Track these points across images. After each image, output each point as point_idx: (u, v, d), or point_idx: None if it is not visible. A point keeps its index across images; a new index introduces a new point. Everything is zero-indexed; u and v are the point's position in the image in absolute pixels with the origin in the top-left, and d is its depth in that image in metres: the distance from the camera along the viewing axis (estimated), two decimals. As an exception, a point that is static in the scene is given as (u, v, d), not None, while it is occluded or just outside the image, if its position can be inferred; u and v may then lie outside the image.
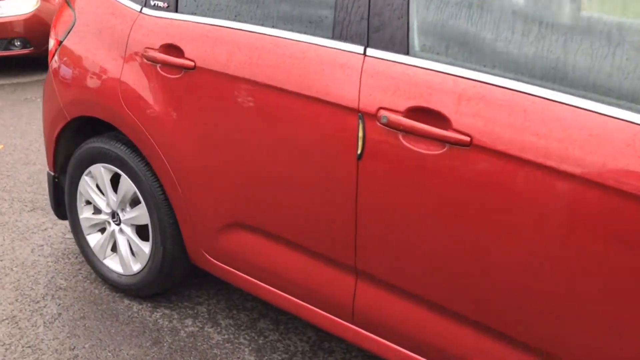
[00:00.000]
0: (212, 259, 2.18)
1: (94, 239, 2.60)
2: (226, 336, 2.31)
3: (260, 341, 2.29)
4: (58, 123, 2.48)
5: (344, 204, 1.71)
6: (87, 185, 2.49)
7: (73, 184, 2.54)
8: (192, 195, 2.09)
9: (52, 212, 3.26)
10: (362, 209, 1.68)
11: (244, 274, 2.10)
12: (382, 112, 1.57)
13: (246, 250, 2.05)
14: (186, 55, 1.98)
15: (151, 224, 2.31)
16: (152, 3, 2.13)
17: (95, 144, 2.37)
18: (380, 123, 1.58)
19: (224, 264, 2.15)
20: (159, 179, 2.23)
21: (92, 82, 2.26)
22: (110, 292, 2.56)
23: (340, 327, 1.90)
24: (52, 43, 2.50)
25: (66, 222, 3.16)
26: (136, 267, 2.44)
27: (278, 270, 1.97)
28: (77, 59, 2.32)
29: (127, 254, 2.46)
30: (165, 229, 2.27)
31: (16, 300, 2.50)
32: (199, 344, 2.26)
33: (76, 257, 2.82)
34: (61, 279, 2.66)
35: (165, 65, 2.04)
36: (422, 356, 1.73)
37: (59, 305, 2.47)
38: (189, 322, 2.39)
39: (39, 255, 2.84)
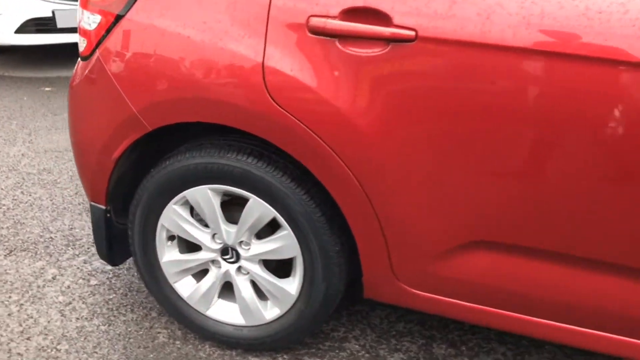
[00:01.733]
0: (412, 290, 1.65)
1: (187, 287, 1.89)
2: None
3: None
4: (124, 137, 1.70)
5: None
6: (177, 217, 1.77)
7: (150, 218, 1.80)
8: (399, 216, 1.52)
9: (45, 252, 2.40)
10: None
11: (467, 301, 1.61)
12: None
13: (477, 273, 1.56)
14: (396, 22, 1.37)
15: (302, 256, 1.70)
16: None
17: (200, 159, 1.66)
18: None
19: (432, 293, 1.64)
20: (312, 198, 1.62)
21: (203, 73, 1.53)
22: (215, 351, 1.91)
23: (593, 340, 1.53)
24: (92, 20, 1.68)
25: (77, 261, 2.34)
26: (272, 313, 1.81)
27: (532, 290, 1.52)
28: (165, 39, 1.55)
29: (253, 299, 1.82)
30: (329, 261, 1.68)
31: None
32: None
33: (141, 309, 2.08)
34: (137, 346, 1.92)
35: (354, 38, 1.41)
36: None
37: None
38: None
39: (78, 319, 2.03)
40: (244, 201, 1.71)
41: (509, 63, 1.30)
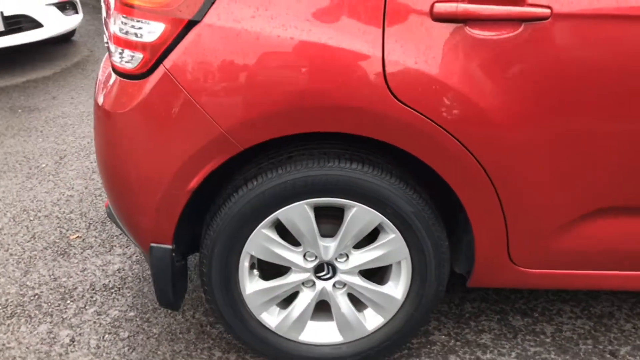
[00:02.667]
0: (525, 270, 1.64)
1: (274, 316, 1.70)
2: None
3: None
4: (205, 163, 1.45)
5: None
6: (266, 242, 1.57)
7: (234, 248, 1.57)
8: (523, 197, 1.49)
9: (40, 312, 2.02)
10: None
11: (583, 269, 1.64)
12: None
13: (595, 239, 1.58)
14: (529, 0, 1.32)
15: (410, 259, 1.60)
16: None
17: (297, 173, 1.47)
18: None
19: (546, 269, 1.64)
20: (420, 196, 1.53)
21: (312, 77, 1.35)
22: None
23: None
24: (147, 29, 1.39)
25: (88, 314, 1.99)
26: (374, 323, 1.70)
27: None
28: (261, 44, 1.34)
29: (352, 313, 1.69)
30: (442, 257, 1.60)
31: None
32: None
33: (201, 351, 1.82)
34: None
35: (484, 21, 1.33)
36: None
37: None
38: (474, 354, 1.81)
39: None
40: (334, 213, 1.57)
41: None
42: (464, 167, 1.45)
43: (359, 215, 1.54)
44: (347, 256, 1.63)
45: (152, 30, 1.39)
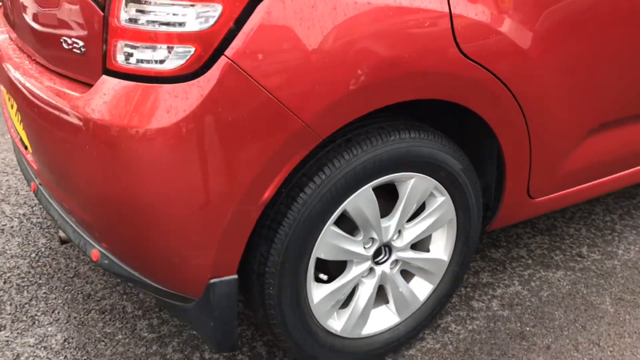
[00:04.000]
0: (538, 199, 1.75)
1: (338, 320, 1.54)
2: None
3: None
4: (282, 165, 1.22)
5: None
6: (336, 239, 1.41)
7: (304, 256, 1.37)
8: (547, 128, 1.58)
9: None
10: None
11: (599, 178, 1.86)
12: None
13: (602, 151, 1.79)
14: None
15: (457, 219, 1.60)
16: None
17: (365, 155, 1.34)
18: None
19: (562, 190, 1.79)
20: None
21: (387, 40, 1.22)
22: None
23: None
24: (199, 13, 1.09)
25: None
26: (425, 292, 1.66)
27: (634, 150, 1.85)
28: (339, 16, 1.16)
29: (408, 288, 1.62)
30: (481, 211, 1.64)
31: None
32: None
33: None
34: None
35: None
36: None
37: None
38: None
39: None
40: (379, 192, 1.48)
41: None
42: (506, 108, 1.48)
43: (417, 186, 1.48)
44: (400, 232, 1.55)
45: (203, 14, 1.10)
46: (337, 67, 1.19)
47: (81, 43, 1.23)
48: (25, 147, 1.64)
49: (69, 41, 1.26)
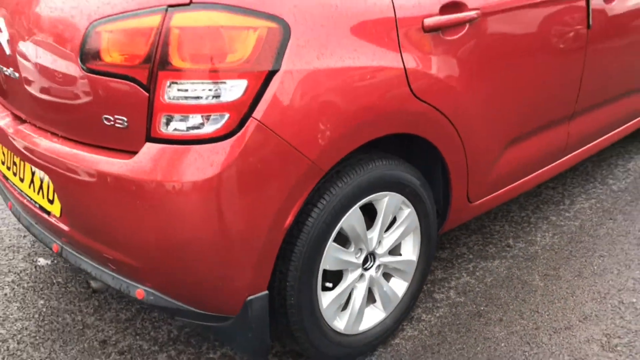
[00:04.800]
0: (475, 203, 2.19)
1: (341, 320, 1.88)
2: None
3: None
4: (298, 197, 1.57)
5: (576, 65, 2.34)
6: (335, 252, 1.76)
7: (315, 270, 1.71)
8: (478, 146, 2.03)
9: None
10: (587, 63, 2.37)
11: (516, 181, 2.36)
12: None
13: (518, 159, 2.28)
14: (469, 7, 1.84)
15: (420, 225, 1.99)
16: (394, -34, 1.69)
17: (356, 180, 1.71)
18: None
19: (491, 193, 2.25)
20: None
21: (365, 93, 1.60)
22: None
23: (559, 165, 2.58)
24: (228, 87, 1.42)
25: None
26: (402, 289, 2.04)
27: (540, 153, 2.36)
28: (332, 76, 1.53)
29: (388, 287, 1.99)
30: (435, 215, 2.04)
31: None
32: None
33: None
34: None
35: (448, 27, 1.80)
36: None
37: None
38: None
39: None
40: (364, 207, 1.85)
41: (531, 14, 2.02)
42: (447, 134, 1.91)
43: (390, 202, 1.87)
44: (380, 242, 1.92)
45: (233, 88, 1.44)
46: (333, 116, 1.57)
47: (125, 119, 1.52)
48: (48, 213, 1.86)
49: (111, 118, 1.54)
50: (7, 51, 1.80)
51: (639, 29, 2.68)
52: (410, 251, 2.04)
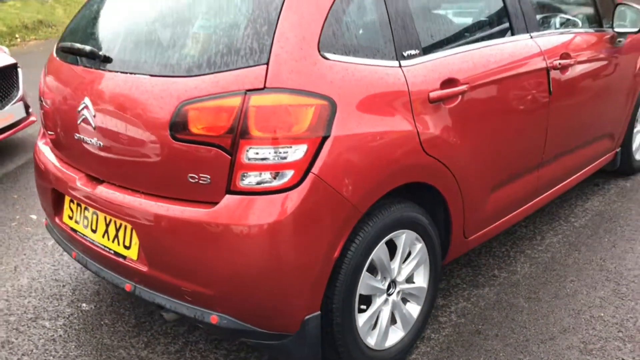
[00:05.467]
0: (469, 238, 2.65)
1: (372, 338, 2.28)
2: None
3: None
4: (342, 235, 1.99)
5: (542, 123, 2.87)
6: (368, 279, 2.17)
7: (353, 294, 2.11)
8: (471, 191, 2.50)
9: None
10: (550, 122, 2.91)
11: (499, 220, 2.82)
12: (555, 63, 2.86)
13: (500, 201, 2.75)
14: (461, 81, 2.34)
15: (428, 257, 2.43)
16: (405, 54, 2.18)
17: (381, 222, 2.14)
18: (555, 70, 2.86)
19: (481, 230, 2.70)
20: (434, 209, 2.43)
21: (390, 151, 2.06)
22: None
23: (532, 206, 3.08)
24: (293, 151, 1.85)
25: None
26: (415, 311, 2.45)
27: (517, 196, 2.84)
28: (367, 139, 1.98)
29: (407, 310, 2.40)
30: (439, 250, 2.48)
31: None
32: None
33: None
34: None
35: (447, 98, 2.29)
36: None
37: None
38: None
39: None
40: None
41: (506, 84, 2.54)
42: (449, 181, 2.38)
43: (407, 238, 2.30)
44: (400, 271, 2.34)
45: (297, 151, 1.87)
46: (369, 169, 2.01)
47: (208, 176, 1.92)
48: (124, 257, 2.21)
49: (196, 176, 1.94)
50: (93, 124, 2.19)
51: (588, 93, 3.27)
52: (422, 279, 2.46)
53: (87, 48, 2.26)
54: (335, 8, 2.04)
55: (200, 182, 1.95)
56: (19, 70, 5.15)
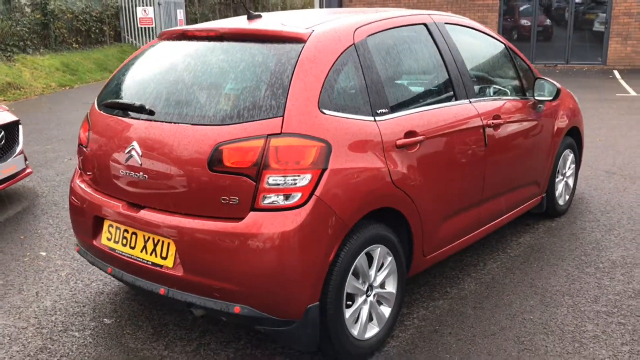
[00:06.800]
0: (427, 257, 3.34)
1: (355, 329, 2.90)
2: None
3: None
4: (335, 243, 2.65)
5: (480, 168, 3.65)
6: (352, 281, 2.82)
7: (341, 292, 2.74)
8: (428, 218, 3.22)
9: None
10: (487, 168, 3.69)
11: (450, 244, 3.52)
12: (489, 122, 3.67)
13: (450, 229, 3.46)
14: (419, 133, 3.10)
15: (397, 268, 3.10)
16: (378, 112, 2.93)
17: (365, 234, 2.82)
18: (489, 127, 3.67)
19: (436, 251, 3.40)
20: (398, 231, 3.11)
21: (369, 181, 2.77)
22: None
23: (475, 235, 3.82)
24: (300, 179, 2.53)
25: None
26: (387, 312, 3.11)
27: (463, 226, 3.57)
28: (353, 172, 2.69)
29: (381, 309, 3.05)
30: (404, 261, 3.17)
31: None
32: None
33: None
34: (347, 388, 2.73)
35: (409, 145, 3.04)
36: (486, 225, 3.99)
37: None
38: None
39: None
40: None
41: (451, 137, 3.33)
42: (411, 208, 3.10)
43: (381, 252, 2.99)
44: (375, 278, 3.01)
45: (304, 179, 2.55)
46: (354, 195, 2.72)
47: (237, 198, 2.58)
48: (160, 266, 2.80)
49: (227, 198, 2.59)
50: (139, 162, 2.83)
51: (516, 147, 4.11)
52: (392, 286, 3.13)
53: (137, 103, 2.92)
54: (329, 78, 2.79)
55: (231, 202, 2.60)
56: (20, 126, 5.70)
